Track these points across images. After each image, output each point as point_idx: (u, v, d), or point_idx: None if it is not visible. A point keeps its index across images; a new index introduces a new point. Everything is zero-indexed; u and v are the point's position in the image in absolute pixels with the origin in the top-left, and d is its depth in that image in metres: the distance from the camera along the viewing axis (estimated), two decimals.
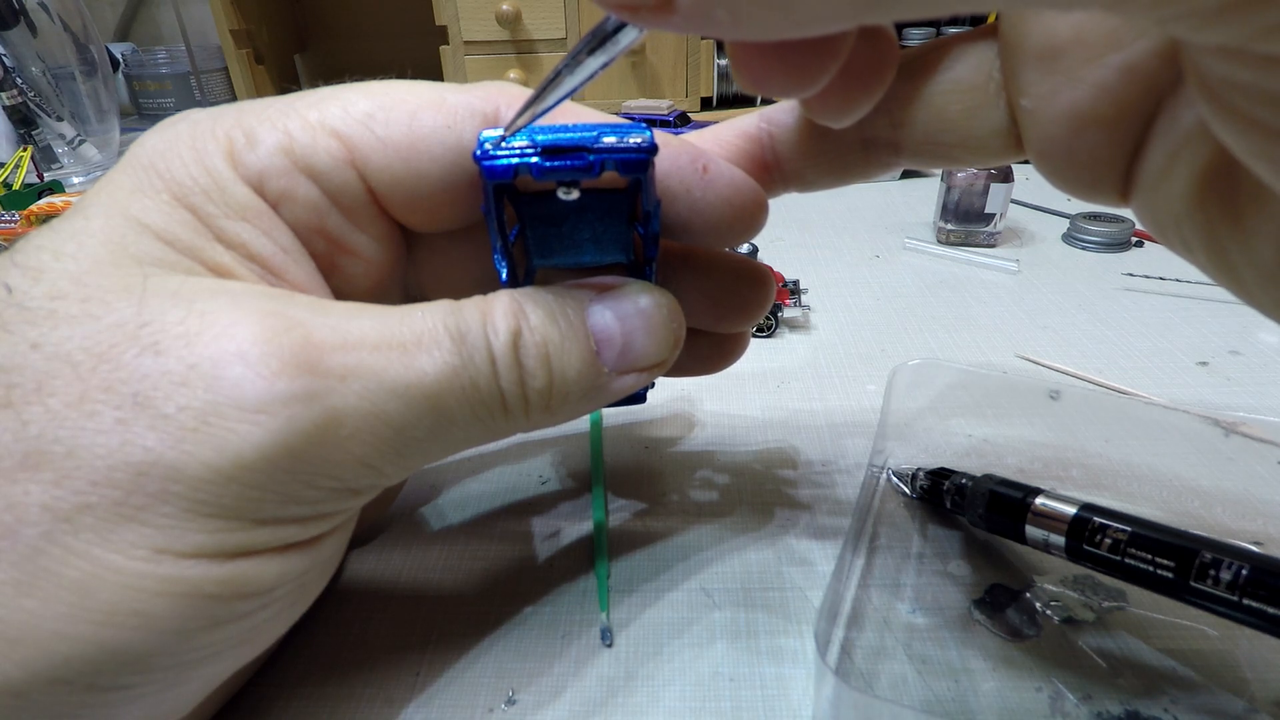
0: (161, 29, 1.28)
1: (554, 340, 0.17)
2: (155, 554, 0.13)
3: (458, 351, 0.16)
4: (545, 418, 0.18)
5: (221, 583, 0.14)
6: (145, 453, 0.13)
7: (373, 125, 0.17)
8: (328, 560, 0.17)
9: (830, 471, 0.30)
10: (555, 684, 0.21)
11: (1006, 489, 0.24)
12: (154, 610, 0.14)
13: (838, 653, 0.22)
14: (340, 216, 0.18)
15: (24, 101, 0.76)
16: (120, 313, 0.14)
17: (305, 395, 0.14)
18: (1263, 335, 0.39)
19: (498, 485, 0.30)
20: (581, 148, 0.16)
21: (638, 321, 0.18)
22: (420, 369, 0.15)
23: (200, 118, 0.17)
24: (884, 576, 0.25)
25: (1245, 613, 0.18)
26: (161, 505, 0.13)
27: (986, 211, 0.51)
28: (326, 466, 0.15)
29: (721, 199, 0.19)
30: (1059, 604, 0.23)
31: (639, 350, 0.18)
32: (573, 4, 0.93)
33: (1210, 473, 0.28)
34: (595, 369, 0.17)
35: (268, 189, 0.17)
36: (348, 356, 0.15)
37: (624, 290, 0.18)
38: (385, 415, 0.15)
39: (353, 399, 0.15)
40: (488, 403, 0.16)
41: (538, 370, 0.17)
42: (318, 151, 0.17)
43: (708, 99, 0.99)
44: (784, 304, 0.40)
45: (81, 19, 0.84)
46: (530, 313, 0.17)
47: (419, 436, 0.16)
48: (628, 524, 0.27)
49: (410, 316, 0.16)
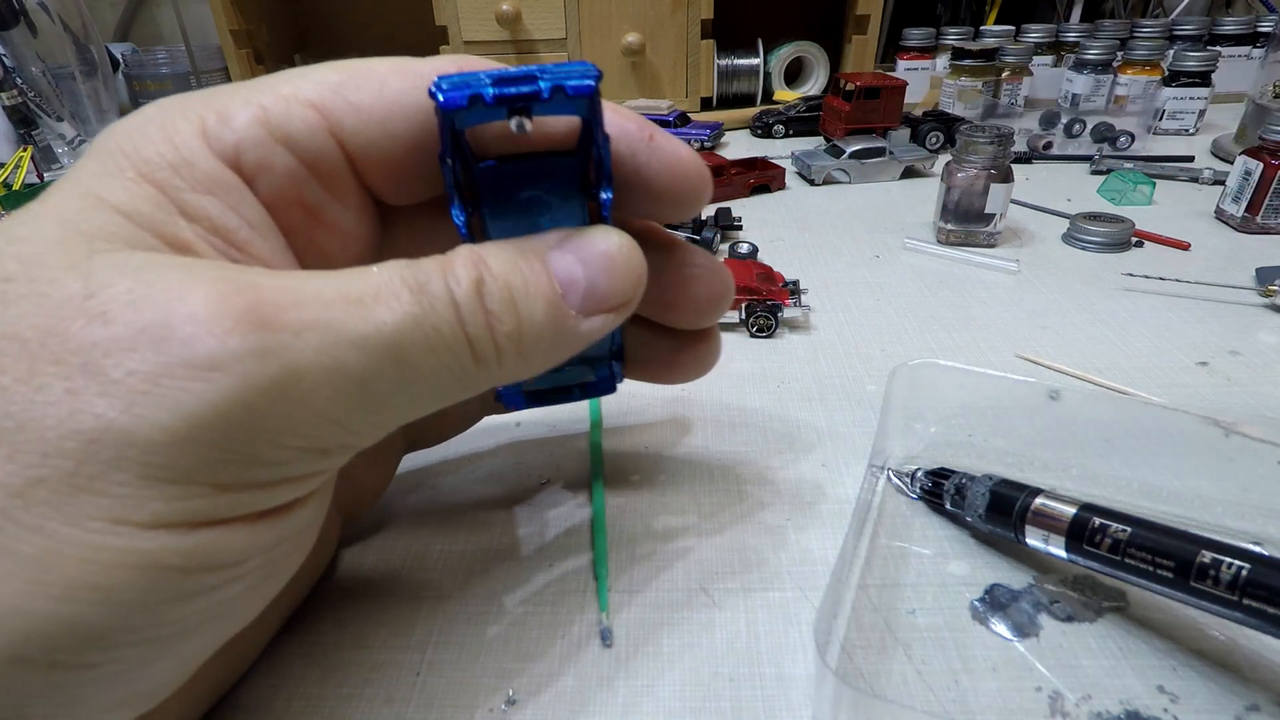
0: (161, 29, 1.28)
1: (518, 284, 0.17)
2: (113, 525, 0.13)
3: (417, 301, 0.15)
4: (519, 364, 0.17)
5: (185, 554, 0.14)
6: (96, 419, 0.13)
7: (345, 93, 0.17)
8: (301, 533, 0.17)
9: (830, 471, 0.30)
10: (555, 684, 0.21)
11: (1006, 489, 0.24)
12: (114, 583, 0.13)
13: (838, 653, 0.22)
14: (318, 186, 0.18)
15: (24, 101, 0.76)
16: (68, 288, 0.14)
17: (260, 351, 0.14)
18: (1263, 335, 0.39)
19: (498, 485, 0.30)
20: (531, 76, 0.17)
21: (600, 263, 0.18)
22: (379, 320, 0.15)
23: (172, 101, 0.17)
24: (884, 576, 0.25)
25: (1245, 613, 0.19)
26: (116, 473, 0.13)
27: (986, 211, 0.51)
28: (289, 424, 0.14)
29: (665, 166, 0.20)
30: (1059, 604, 0.23)
31: (603, 290, 0.18)
32: (573, 4, 0.93)
33: (1210, 473, 0.28)
34: (562, 311, 0.18)
35: (245, 161, 0.17)
36: (302, 312, 0.15)
37: (584, 235, 0.18)
38: (346, 368, 0.15)
39: (310, 353, 0.14)
40: (455, 351, 0.16)
41: (505, 314, 0.16)
42: (293, 120, 0.17)
43: (708, 99, 0.99)
44: (784, 304, 0.40)
45: (81, 19, 0.84)
46: (491, 261, 0.17)
47: (384, 390, 0.16)
48: (628, 524, 0.27)
49: (365, 273, 0.16)
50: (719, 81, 0.99)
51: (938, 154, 0.72)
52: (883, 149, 0.68)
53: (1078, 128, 0.75)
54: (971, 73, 0.87)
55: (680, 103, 0.96)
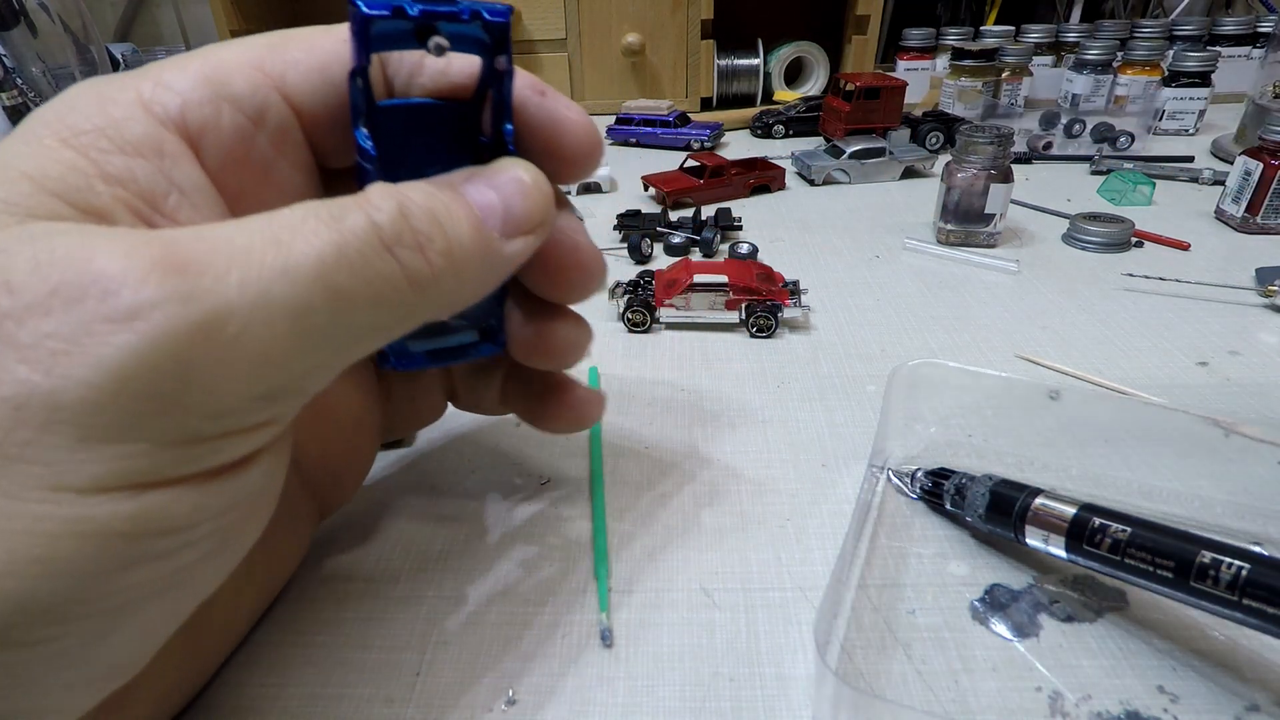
0: (161, 29, 1.28)
1: (440, 209, 0.17)
2: (52, 493, 0.13)
3: (336, 229, 0.15)
4: (456, 285, 0.17)
5: (131, 519, 0.13)
6: (18, 385, 0.13)
7: (279, 51, 0.18)
8: (255, 496, 0.16)
9: (830, 471, 0.30)
10: (555, 684, 0.21)
11: (1006, 489, 0.24)
12: (59, 554, 0.13)
13: (838, 653, 0.22)
14: (266, 143, 0.18)
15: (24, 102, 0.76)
16: None
17: (180, 295, 0.13)
18: (1263, 335, 0.39)
19: (498, 485, 0.30)
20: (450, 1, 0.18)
21: (513, 187, 0.19)
22: (299, 251, 0.15)
23: (109, 77, 0.17)
24: (884, 576, 0.25)
25: (1245, 613, 0.19)
26: (47, 437, 0.13)
27: (986, 212, 0.51)
28: (225, 368, 0.14)
29: (553, 119, 0.21)
30: (1059, 604, 0.23)
31: (519, 213, 0.19)
32: (573, 4, 0.93)
33: (1210, 473, 0.28)
34: (485, 233, 0.18)
35: (190, 120, 0.17)
36: (217, 256, 0.14)
37: (494, 167, 0.19)
38: (275, 302, 0.14)
39: (234, 291, 0.14)
40: (388, 275, 0.16)
41: (433, 231, 0.17)
42: (235, 77, 0.17)
43: (707, 99, 0.99)
44: (784, 304, 0.40)
45: (81, 19, 0.84)
46: (409, 192, 0.17)
47: (321, 322, 0.15)
48: (628, 524, 0.27)
49: (275, 214, 0.15)
50: (719, 82, 0.99)
51: (938, 154, 0.72)
52: (883, 149, 0.68)
53: (1078, 128, 0.75)
54: (971, 73, 0.87)
55: (680, 103, 0.96)
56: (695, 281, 0.41)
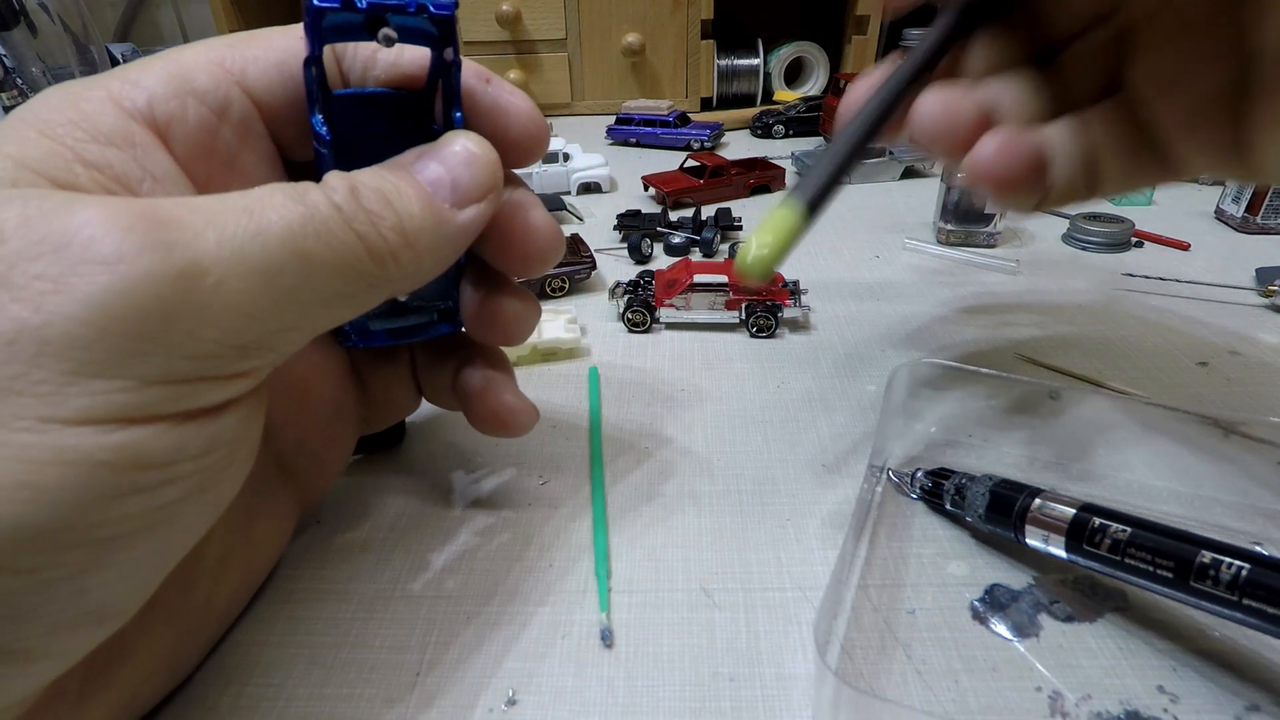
0: (161, 29, 1.28)
1: (389, 188, 0.18)
2: (40, 424, 0.13)
3: (300, 203, 0.17)
4: (413, 258, 0.18)
5: (115, 449, 0.14)
6: (10, 321, 0.13)
7: (238, 49, 0.19)
8: (233, 441, 0.17)
9: (830, 471, 0.30)
10: (555, 684, 0.22)
11: (1006, 489, 0.24)
12: (46, 481, 0.13)
13: (838, 653, 0.22)
14: (230, 134, 0.19)
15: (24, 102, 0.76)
16: None
17: (162, 244, 0.14)
18: (1263, 335, 0.39)
19: (498, 485, 0.30)
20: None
21: (460, 158, 0.20)
22: (269, 219, 0.16)
23: (80, 80, 0.18)
24: (884, 576, 0.25)
25: (1245, 613, 0.19)
26: (36, 371, 0.13)
27: (986, 212, 0.51)
28: (202, 314, 0.15)
29: (498, 109, 0.22)
30: (1059, 604, 0.23)
31: (468, 182, 0.20)
32: (573, 4, 0.93)
33: (1210, 473, 0.28)
34: (436, 205, 0.19)
35: (158, 114, 0.18)
36: (196, 216, 0.15)
37: (440, 142, 0.20)
38: (249, 259, 0.15)
39: (211, 246, 0.15)
40: (349, 246, 0.17)
41: (383, 210, 0.18)
42: (197, 75, 0.18)
43: (707, 99, 0.99)
44: (784, 304, 0.40)
45: (81, 19, 0.84)
46: (360, 176, 0.18)
47: (291, 284, 0.16)
48: (628, 524, 0.27)
49: (246, 191, 0.17)
50: (719, 82, 0.99)
51: None
52: (883, 149, 0.68)
53: None
54: None
55: (680, 103, 0.96)
56: (695, 281, 0.41)
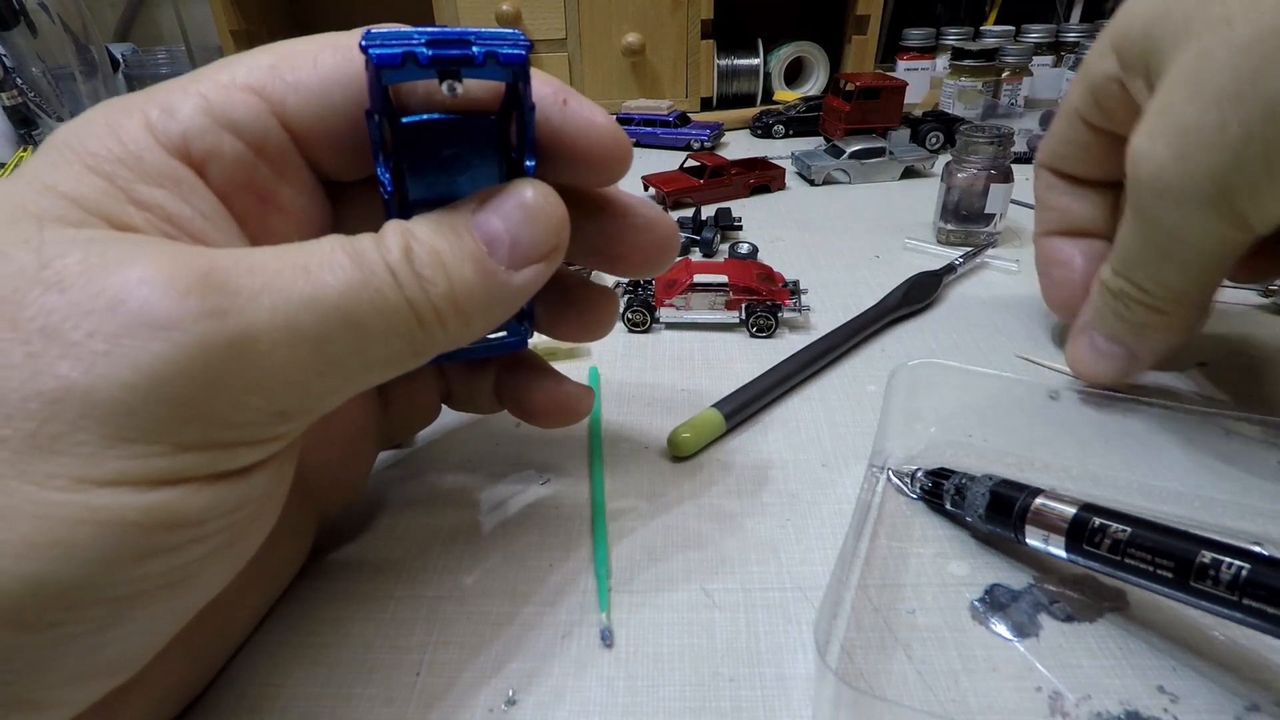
0: (161, 29, 1.28)
1: (444, 248, 0.18)
2: (75, 483, 0.13)
3: (356, 266, 0.16)
4: (461, 324, 0.18)
5: (146, 510, 0.14)
6: (58, 380, 0.13)
7: (280, 73, 0.18)
8: (262, 498, 0.17)
9: (830, 471, 0.30)
10: (555, 684, 0.22)
11: (1006, 489, 0.24)
12: (75, 539, 0.13)
13: (838, 653, 0.22)
14: (267, 169, 0.18)
15: (24, 102, 0.76)
16: (19, 261, 0.14)
17: (217, 311, 0.14)
18: (1263, 335, 0.39)
19: (498, 485, 0.30)
20: (465, 40, 0.17)
21: (520, 215, 0.19)
22: (324, 283, 0.16)
23: (116, 101, 0.17)
24: (884, 576, 0.25)
25: (1245, 613, 0.19)
26: (78, 433, 0.13)
27: (986, 212, 0.51)
28: (248, 383, 0.15)
29: (578, 131, 0.20)
30: (1059, 604, 0.23)
31: (527, 242, 0.19)
32: (573, 4, 0.93)
33: (1210, 473, 0.28)
34: (491, 268, 0.18)
35: (193, 150, 0.17)
36: (254, 277, 0.15)
37: (502, 191, 0.19)
38: (300, 328, 0.15)
39: (265, 314, 0.15)
40: (400, 313, 0.17)
41: (435, 277, 0.17)
42: (236, 106, 0.18)
43: (707, 99, 0.99)
44: (784, 304, 0.40)
45: (81, 19, 0.84)
46: (417, 230, 0.18)
47: (339, 351, 0.16)
48: (627, 524, 0.27)
49: (307, 245, 0.16)
50: (719, 81, 0.99)
51: (938, 154, 0.72)
52: (883, 149, 0.68)
53: None
54: (971, 73, 0.87)
55: (680, 103, 0.96)
56: (695, 281, 0.41)
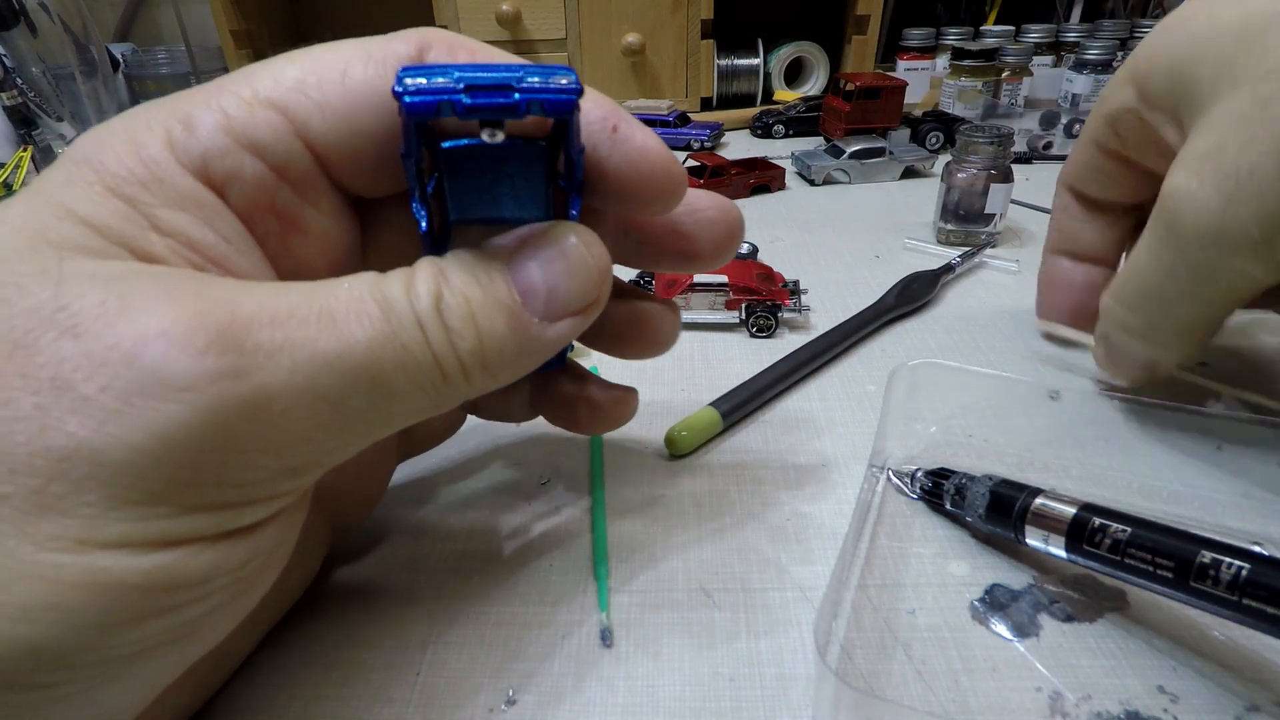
0: (161, 29, 1.28)
1: (476, 298, 0.16)
2: (76, 545, 0.13)
3: (386, 319, 0.15)
4: (487, 378, 0.17)
5: (147, 573, 0.14)
6: (67, 438, 0.13)
7: (306, 90, 0.17)
8: (270, 550, 0.16)
9: (830, 471, 0.30)
10: (555, 684, 0.21)
11: (1006, 489, 0.24)
12: (72, 604, 0.13)
13: (838, 653, 0.22)
14: (290, 191, 0.17)
15: (24, 102, 0.76)
16: (35, 297, 0.13)
17: (233, 371, 0.14)
18: (1263, 335, 0.39)
19: (498, 485, 0.30)
20: (507, 86, 0.16)
21: (559, 265, 0.17)
22: (351, 337, 0.15)
23: (136, 112, 0.17)
24: (884, 576, 0.25)
25: (1245, 613, 0.18)
26: (84, 493, 0.13)
27: (986, 212, 0.51)
28: (262, 444, 0.14)
29: (628, 162, 0.18)
30: (1059, 604, 0.23)
31: (564, 295, 0.17)
32: (573, 4, 0.93)
33: (1210, 473, 0.28)
34: (523, 321, 0.17)
35: (213, 171, 0.16)
36: (276, 331, 0.14)
37: (543, 236, 0.18)
38: (320, 388, 0.15)
39: (283, 374, 0.14)
40: (424, 368, 0.16)
41: (464, 330, 0.16)
42: (258, 125, 0.16)
43: (707, 99, 0.99)
44: (784, 304, 0.40)
45: (81, 19, 0.84)
46: (451, 274, 0.16)
47: (359, 407, 0.15)
48: (627, 523, 0.27)
49: (337, 288, 0.16)
50: (719, 81, 0.99)
51: (938, 154, 0.72)
52: (883, 149, 0.68)
53: (1078, 128, 0.74)
54: (971, 73, 0.87)
55: (680, 103, 0.96)
56: (695, 281, 0.41)
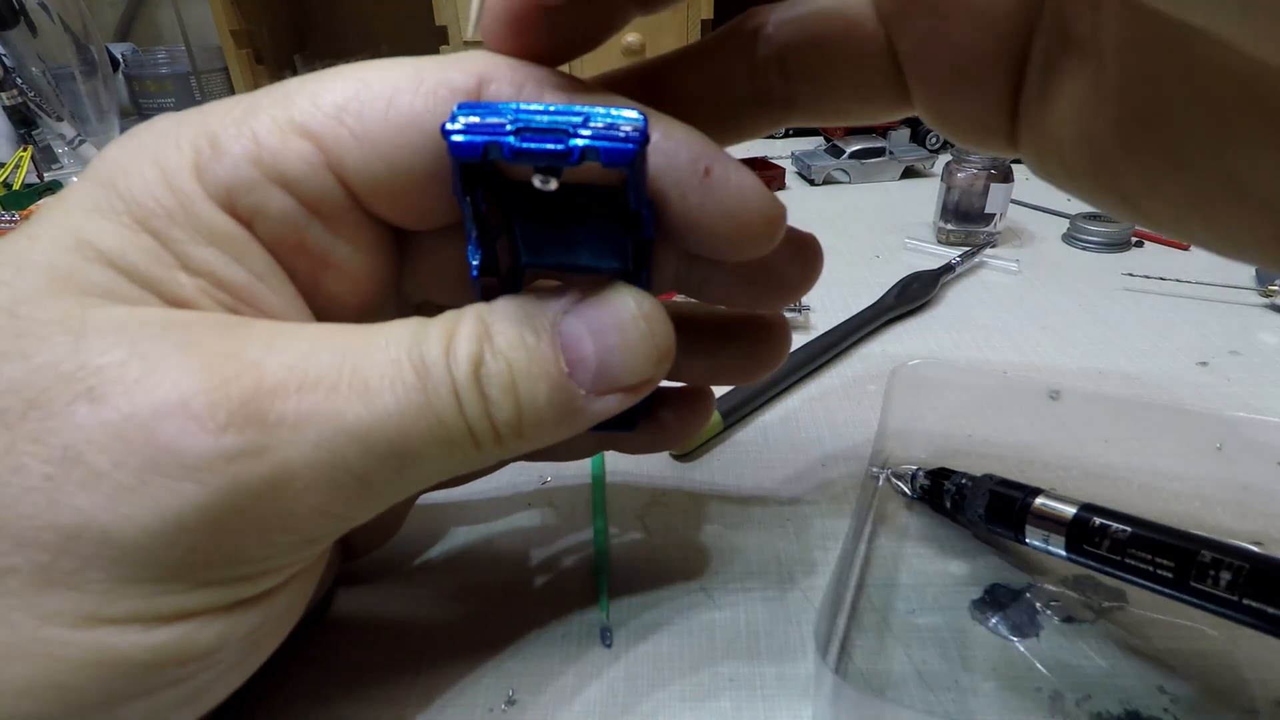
0: (161, 29, 1.28)
1: (519, 364, 0.15)
2: (82, 621, 0.13)
3: (422, 387, 0.14)
4: (520, 445, 0.16)
5: (156, 649, 0.13)
6: (76, 514, 0.12)
7: (345, 119, 0.15)
8: (283, 614, 0.16)
9: (830, 471, 0.30)
10: (555, 684, 0.21)
11: (1006, 489, 0.24)
12: (76, 683, 0.13)
13: (838, 653, 0.22)
14: (321, 228, 0.16)
15: (24, 101, 0.76)
16: (55, 351, 0.13)
17: (254, 449, 0.13)
18: (1263, 335, 0.39)
19: (499, 485, 0.30)
20: (562, 130, 0.14)
21: (614, 337, 0.16)
22: (384, 409, 0.14)
23: (165, 126, 0.16)
24: (884, 576, 0.25)
25: (1245, 613, 0.18)
26: (92, 570, 0.12)
27: (986, 211, 0.51)
28: (279, 521, 0.14)
29: (724, 211, 0.16)
30: (1059, 604, 0.23)
31: (615, 370, 0.16)
32: None
33: (1210, 473, 0.28)
34: (568, 393, 0.15)
35: (239, 205, 0.15)
36: (303, 401, 0.14)
37: (602, 299, 0.16)
38: (345, 463, 0.14)
39: (308, 449, 0.13)
40: (456, 438, 0.15)
41: (503, 400, 0.15)
42: (288, 157, 0.15)
43: None
44: None
45: (81, 19, 0.84)
46: (496, 334, 0.15)
47: (384, 478, 0.15)
48: (628, 524, 0.27)
49: (374, 347, 0.15)
50: None
51: (938, 154, 0.72)
52: (883, 149, 0.68)
53: None
54: None
55: None
56: None
